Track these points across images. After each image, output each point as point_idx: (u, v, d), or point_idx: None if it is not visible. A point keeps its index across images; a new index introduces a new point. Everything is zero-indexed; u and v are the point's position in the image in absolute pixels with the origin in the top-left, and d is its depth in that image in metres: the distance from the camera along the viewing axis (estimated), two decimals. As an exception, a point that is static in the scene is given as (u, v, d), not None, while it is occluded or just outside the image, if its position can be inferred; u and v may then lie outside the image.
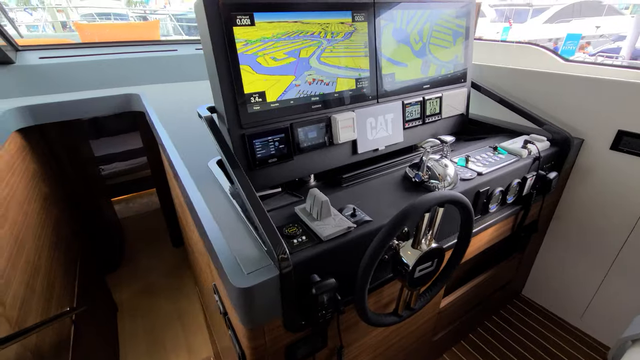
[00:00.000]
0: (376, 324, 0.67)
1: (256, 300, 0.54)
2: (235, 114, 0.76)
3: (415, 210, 0.57)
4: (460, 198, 0.62)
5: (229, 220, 0.67)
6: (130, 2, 13.96)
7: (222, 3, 0.69)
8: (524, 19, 14.03)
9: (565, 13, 11.27)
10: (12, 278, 1.12)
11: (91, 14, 9.67)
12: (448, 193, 0.61)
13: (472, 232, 0.70)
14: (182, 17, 9.37)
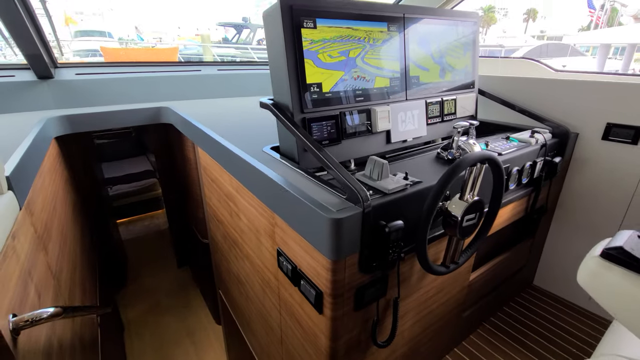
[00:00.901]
0: (430, 269, 0.78)
1: (344, 232, 0.65)
2: (298, 100, 0.90)
3: (463, 163, 0.71)
4: (495, 157, 0.76)
5: (300, 182, 0.79)
6: (122, 40, 14.68)
7: (294, 9, 0.85)
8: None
9: (534, 53, 12.32)
10: (63, 266, 1.17)
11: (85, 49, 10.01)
12: (487, 152, 0.76)
13: (502, 192, 0.84)
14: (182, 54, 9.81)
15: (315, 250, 0.71)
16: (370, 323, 0.83)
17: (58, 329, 0.93)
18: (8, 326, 0.63)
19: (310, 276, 0.76)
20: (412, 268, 0.88)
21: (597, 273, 0.54)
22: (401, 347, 1.00)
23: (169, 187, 2.80)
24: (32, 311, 0.69)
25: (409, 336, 1.00)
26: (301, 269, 0.80)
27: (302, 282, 0.80)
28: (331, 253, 0.66)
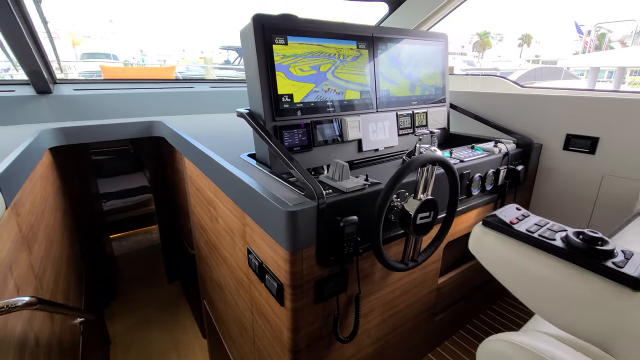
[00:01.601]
0: (386, 263, 0.83)
1: (299, 224, 0.70)
2: (270, 109, 0.98)
3: (413, 164, 0.77)
4: (444, 158, 0.83)
5: (268, 183, 0.85)
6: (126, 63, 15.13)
7: (266, 27, 0.94)
8: (491, 81, 15.60)
9: (529, 76, 12.62)
10: (46, 268, 1.22)
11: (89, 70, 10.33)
12: (436, 155, 0.82)
13: (458, 193, 0.90)
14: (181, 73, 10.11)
15: (276, 243, 0.76)
16: (331, 317, 0.87)
17: (36, 324, 0.96)
18: None
19: (273, 269, 0.81)
20: (373, 266, 0.92)
21: (479, 238, 0.62)
22: (368, 346, 1.02)
23: (162, 201, 2.86)
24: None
25: (376, 335, 1.03)
26: (266, 264, 0.85)
27: (266, 277, 0.84)
28: (288, 244, 0.72)
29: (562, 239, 0.52)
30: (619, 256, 0.49)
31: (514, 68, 18.62)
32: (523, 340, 0.59)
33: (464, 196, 1.14)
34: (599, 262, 0.48)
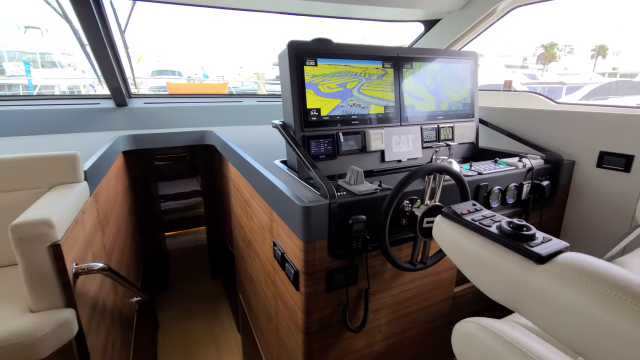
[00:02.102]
0: (392, 260, 0.91)
1: (312, 218, 0.82)
2: (300, 121, 1.13)
3: (418, 172, 0.86)
4: (449, 168, 0.90)
5: (293, 184, 0.99)
6: (190, 78, 16.65)
7: (298, 51, 1.10)
8: (557, 96, 14.44)
9: (602, 91, 11.46)
10: (114, 249, 1.46)
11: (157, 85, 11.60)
12: (442, 164, 0.90)
13: (468, 200, 0.95)
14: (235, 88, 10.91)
15: (294, 234, 0.89)
16: (341, 307, 0.96)
17: (104, 291, 1.19)
18: (72, 269, 0.88)
19: (291, 258, 0.93)
20: (383, 265, 1.01)
21: (438, 226, 0.74)
22: (380, 342, 1.09)
23: (210, 204, 3.15)
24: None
25: (387, 332, 1.10)
26: (286, 254, 0.97)
27: (286, 265, 0.97)
28: (303, 235, 0.84)
29: (497, 226, 0.62)
30: (538, 240, 0.57)
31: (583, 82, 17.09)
32: (490, 323, 0.65)
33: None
34: (519, 243, 0.54)
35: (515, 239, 0.58)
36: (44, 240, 0.81)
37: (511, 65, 19.56)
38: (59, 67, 16.29)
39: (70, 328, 0.86)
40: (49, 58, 16.42)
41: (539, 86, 15.60)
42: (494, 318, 0.75)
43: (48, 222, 0.81)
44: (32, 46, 16.08)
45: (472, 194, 1.15)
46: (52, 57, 16.50)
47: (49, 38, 16.71)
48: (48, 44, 16.49)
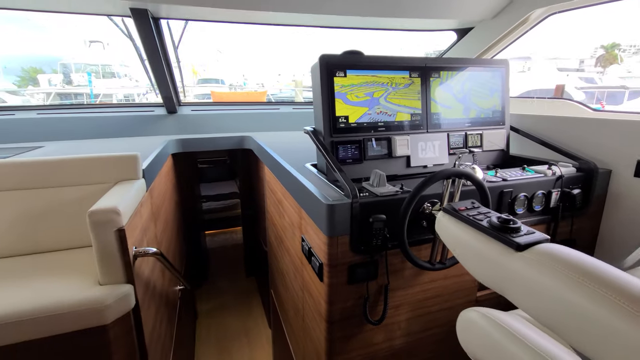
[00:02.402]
0: (410, 258, 0.96)
1: (336, 215, 0.91)
2: (329, 128, 1.22)
3: (437, 176, 0.91)
4: (468, 172, 0.94)
5: (321, 185, 1.08)
6: (231, 86, 17.50)
7: (329, 64, 1.20)
8: (619, 101, 13.24)
9: (673, 96, 10.30)
10: (162, 240, 1.64)
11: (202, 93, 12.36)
12: (462, 169, 0.94)
13: (489, 204, 0.99)
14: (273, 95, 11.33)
15: (319, 230, 0.98)
16: (362, 300, 1.03)
17: (155, 274, 1.35)
18: (132, 252, 1.04)
19: (317, 252, 1.02)
20: (403, 263, 1.06)
21: (440, 221, 0.80)
22: (399, 338, 1.15)
23: (247, 205, 3.34)
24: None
25: (407, 329, 1.15)
26: (312, 248, 1.07)
27: (312, 258, 1.06)
28: (327, 230, 0.93)
29: (487, 221, 0.70)
30: (522, 232, 0.63)
31: (649, 86, 15.49)
32: (492, 312, 0.69)
33: (506, 214, 1.19)
34: (503, 234, 0.59)
35: (501, 231, 0.65)
36: (112, 225, 0.97)
37: (565, 68, 18.18)
38: (117, 77, 17.90)
39: (129, 301, 1.01)
40: (109, 69, 18.08)
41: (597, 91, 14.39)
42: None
43: (116, 211, 0.98)
44: (95, 59, 17.84)
45: (495, 200, 1.17)
46: (111, 68, 18.15)
47: (110, 51, 18.44)
48: (109, 57, 18.20)
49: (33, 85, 18.44)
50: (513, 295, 0.55)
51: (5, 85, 16.01)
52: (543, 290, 0.48)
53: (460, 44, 2.03)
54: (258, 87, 18.44)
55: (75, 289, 0.98)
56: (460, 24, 1.93)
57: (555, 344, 0.60)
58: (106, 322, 0.96)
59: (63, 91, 14.19)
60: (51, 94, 13.33)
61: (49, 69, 20.52)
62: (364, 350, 1.10)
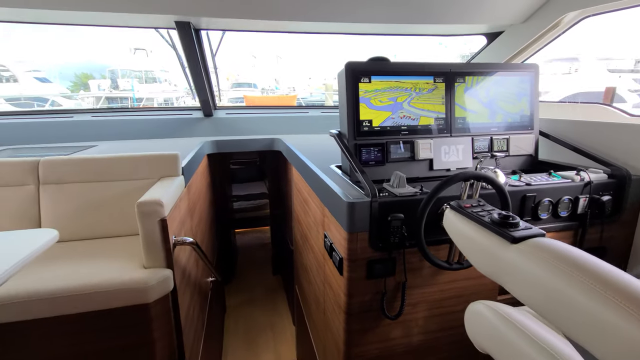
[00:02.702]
0: (428, 257, 1.00)
1: (355, 213, 0.97)
2: (353, 131, 1.28)
3: (455, 178, 0.94)
4: (486, 175, 0.96)
5: (343, 185, 1.15)
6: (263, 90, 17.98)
7: (354, 71, 1.27)
8: (681, 105, 12.10)
9: None
10: (197, 233, 1.77)
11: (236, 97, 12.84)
12: (480, 172, 0.97)
13: (509, 207, 1.00)
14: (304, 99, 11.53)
15: (340, 226, 1.04)
16: (380, 295, 1.08)
17: (190, 263, 1.48)
18: (172, 240, 1.16)
19: (337, 247, 1.09)
20: (421, 262, 1.10)
21: (447, 216, 0.84)
22: (417, 335, 1.18)
23: (275, 205, 3.47)
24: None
25: (424, 327, 1.18)
26: (334, 244, 1.13)
27: (333, 253, 1.12)
28: (347, 227, 0.99)
29: (489, 217, 0.74)
30: (520, 227, 0.66)
31: None
32: (498, 306, 0.71)
33: (529, 218, 1.19)
34: (502, 228, 0.61)
35: (500, 226, 0.69)
36: (156, 215, 1.10)
37: (617, 69, 16.87)
38: (158, 82, 19.02)
39: (168, 284, 1.13)
40: (151, 75, 19.25)
41: (646, 95, 13.24)
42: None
43: (160, 203, 1.10)
44: (139, 65, 19.09)
45: (517, 204, 1.18)
46: (153, 74, 19.31)
47: (152, 58, 19.65)
48: (151, 63, 19.41)
49: (84, 90, 20.06)
50: (509, 284, 0.59)
51: (60, 90, 17.54)
52: (535, 279, 0.52)
53: (489, 48, 2.01)
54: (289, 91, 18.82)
55: (124, 271, 1.11)
56: (490, 28, 1.92)
57: (560, 338, 0.62)
58: (149, 301, 1.08)
59: (110, 95, 15.31)
60: (101, 98, 14.44)
61: (99, 75, 22.22)
62: (381, 345, 1.14)
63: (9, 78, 16.47)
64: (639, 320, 0.39)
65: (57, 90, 16.69)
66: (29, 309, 0.99)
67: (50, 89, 15.83)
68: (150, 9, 1.58)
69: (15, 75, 16.36)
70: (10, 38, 41.08)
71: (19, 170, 1.34)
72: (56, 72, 24.75)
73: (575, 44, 2.54)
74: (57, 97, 12.63)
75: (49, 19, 1.73)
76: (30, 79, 16.03)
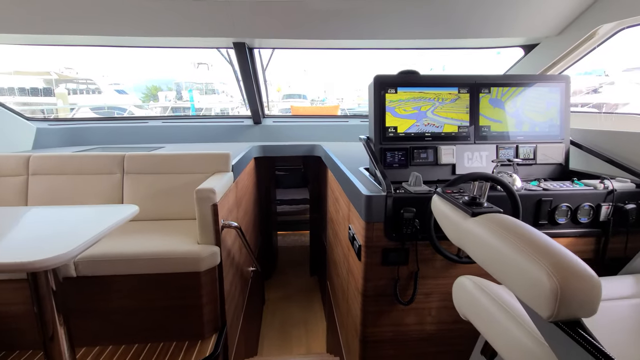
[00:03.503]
0: (437, 248, 1.11)
1: (372, 205, 1.12)
2: (379, 137, 1.44)
3: (463, 177, 1.05)
4: (494, 176, 1.05)
5: (367, 183, 1.30)
6: (313, 101, 18.58)
7: (382, 83, 1.43)
8: None
9: None
10: (242, 223, 2.02)
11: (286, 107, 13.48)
12: (487, 173, 1.07)
13: (519, 209, 1.08)
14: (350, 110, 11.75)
15: (359, 217, 1.19)
16: (393, 281, 1.21)
17: (234, 247, 1.72)
18: (221, 223, 1.40)
19: (357, 235, 1.24)
20: (434, 254, 1.20)
21: (433, 200, 0.95)
22: (430, 324, 1.27)
23: (314, 209, 3.68)
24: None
25: (438, 317, 1.27)
26: (355, 233, 1.28)
27: (354, 242, 1.28)
28: (365, 217, 1.14)
29: (462, 199, 0.86)
30: (483, 207, 0.78)
31: None
32: (480, 281, 0.81)
33: (546, 222, 1.24)
34: (468, 206, 0.71)
35: (468, 205, 0.81)
36: (209, 201, 1.34)
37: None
38: (216, 93, 20.61)
39: (216, 258, 1.37)
40: (211, 87, 20.93)
41: None
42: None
43: (213, 191, 1.35)
44: (200, 78, 20.89)
45: (532, 208, 1.23)
46: (212, 86, 20.98)
47: (213, 71, 21.39)
48: (211, 76, 21.12)
49: (154, 100, 22.40)
50: (468, 247, 0.71)
51: (134, 101, 19.81)
52: (484, 243, 0.63)
53: (525, 60, 2.03)
54: (338, 102, 19.23)
55: (183, 245, 1.37)
56: (527, 41, 1.95)
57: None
58: (200, 270, 1.33)
59: (175, 105, 16.94)
60: (167, 108, 16.04)
61: (166, 87, 24.69)
62: (395, 328, 1.26)
63: (95, 90, 19.05)
64: (542, 267, 0.50)
65: (132, 100, 18.85)
66: (114, 266, 1.29)
67: (126, 100, 17.95)
68: (213, 33, 1.89)
69: (99, 88, 18.89)
70: (97, 55, 47.37)
71: (110, 162, 1.70)
72: (131, 84, 27.99)
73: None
74: (131, 106, 14.34)
75: (130, 42, 2.12)
76: (111, 91, 18.38)
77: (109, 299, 1.34)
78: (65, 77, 19.97)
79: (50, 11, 1.67)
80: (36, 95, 17.22)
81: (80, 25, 1.79)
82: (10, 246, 0.91)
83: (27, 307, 1.33)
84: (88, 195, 1.68)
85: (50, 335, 1.01)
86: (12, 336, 1.36)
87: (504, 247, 0.58)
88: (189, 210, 1.69)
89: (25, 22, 1.73)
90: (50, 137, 2.62)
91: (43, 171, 1.66)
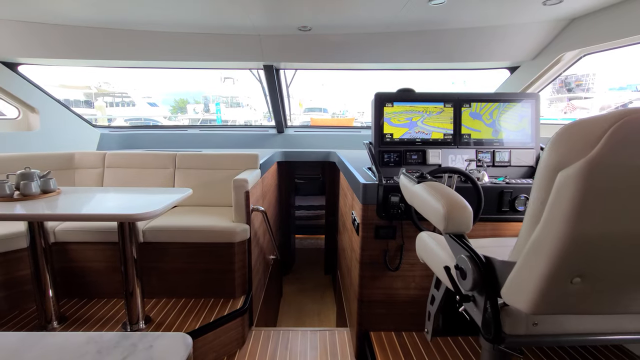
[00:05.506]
0: (415, 223, 1.44)
1: (367, 191, 1.48)
2: (378, 141, 1.80)
3: (436, 170, 1.40)
4: (460, 169, 1.39)
5: (365, 176, 1.66)
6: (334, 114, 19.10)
7: (381, 99, 1.80)
8: None
9: None
10: (267, 213, 2.41)
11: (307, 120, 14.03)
12: (454, 167, 1.40)
13: (481, 198, 1.40)
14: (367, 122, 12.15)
15: (358, 201, 1.55)
16: (383, 252, 1.54)
17: (260, 230, 2.10)
18: (251, 207, 1.80)
19: (356, 216, 1.59)
20: (417, 231, 1.54)
21: (400, 180, 1.23)
22: (415, 289, 1.59)
23: (329, 212, 4.04)
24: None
25: (420, 284, 1.59)
26: (355, 215, 1.64)
27: (355, 222, 1.63)
28: (362, 200, 1.50)
29: (416, 176, 1.14)
30: (427, 179, 1.07)
31: None
32: (431, 234, 1.14)
33: (508, 209, 1.55)
34: (418, 178, 1.05)
35: (417, 177, 1.12)
36: (243, 189, 1.74)
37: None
38: (241, 106, 21.59)
39: (246, 234, 1.76)
40: (236, 100, 21.95)
41: None
42: None
43: (246, 181, 1.75)
44: (226, 91, 21.97)
45: (496, 198, 1.55)
46: (238, 99, 22.00)
47: (238, 85, 22.47)
48: (236, 90, 22.19)
49: (181, 113, 23.67)
50: (414, 203, 1.05)
51: (164, 113, 21.08)
52: (419, 196, 0.97)
53: (510, 79, 2.35)
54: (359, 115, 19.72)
55: (222, 222, 1.77)
56: (511, 64, 2.27)
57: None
58: (234, 241, 1.72)
59: (203, 117, 17.92)
60: (197, 120, 17.01)
61: (193, 100, 26.07)
62: (385, 291, 1.59)
63: (130, 103, 20.47)
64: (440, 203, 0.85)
65: (162, 112, 20.03)
66: (171, 235, 1.70)
67: (157, 112, 19.12)
68: (247, 58, 2.34)
69: (134, 101, 20.29)
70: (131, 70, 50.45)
71: (165, 159, 2.15)
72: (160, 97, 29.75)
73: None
74: (160, 118, 15.35)
75: (174, 65, 2.60)
76: (144, 103, 19.67)
77: (166, 261, 1.75)
78: (103, 90, 21.57)
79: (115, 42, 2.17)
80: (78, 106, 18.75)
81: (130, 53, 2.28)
82: (112, 207, 1.34)
83: (109, 265, 1.76)
84: (148, 184, 2.13)
85: (131, 290, 1.42)
86: (96, 286, 1.79)
87: (428, 196, 0.92)
88: (225, 198, 2.10)
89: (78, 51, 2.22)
90: (110, 140, 3.15)
91: (115, 165, 2.13)
